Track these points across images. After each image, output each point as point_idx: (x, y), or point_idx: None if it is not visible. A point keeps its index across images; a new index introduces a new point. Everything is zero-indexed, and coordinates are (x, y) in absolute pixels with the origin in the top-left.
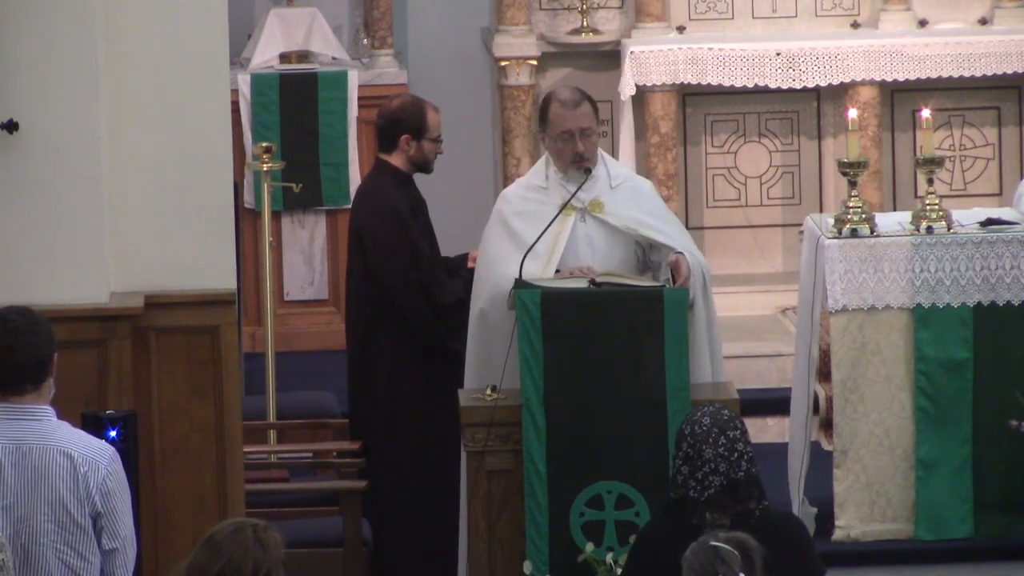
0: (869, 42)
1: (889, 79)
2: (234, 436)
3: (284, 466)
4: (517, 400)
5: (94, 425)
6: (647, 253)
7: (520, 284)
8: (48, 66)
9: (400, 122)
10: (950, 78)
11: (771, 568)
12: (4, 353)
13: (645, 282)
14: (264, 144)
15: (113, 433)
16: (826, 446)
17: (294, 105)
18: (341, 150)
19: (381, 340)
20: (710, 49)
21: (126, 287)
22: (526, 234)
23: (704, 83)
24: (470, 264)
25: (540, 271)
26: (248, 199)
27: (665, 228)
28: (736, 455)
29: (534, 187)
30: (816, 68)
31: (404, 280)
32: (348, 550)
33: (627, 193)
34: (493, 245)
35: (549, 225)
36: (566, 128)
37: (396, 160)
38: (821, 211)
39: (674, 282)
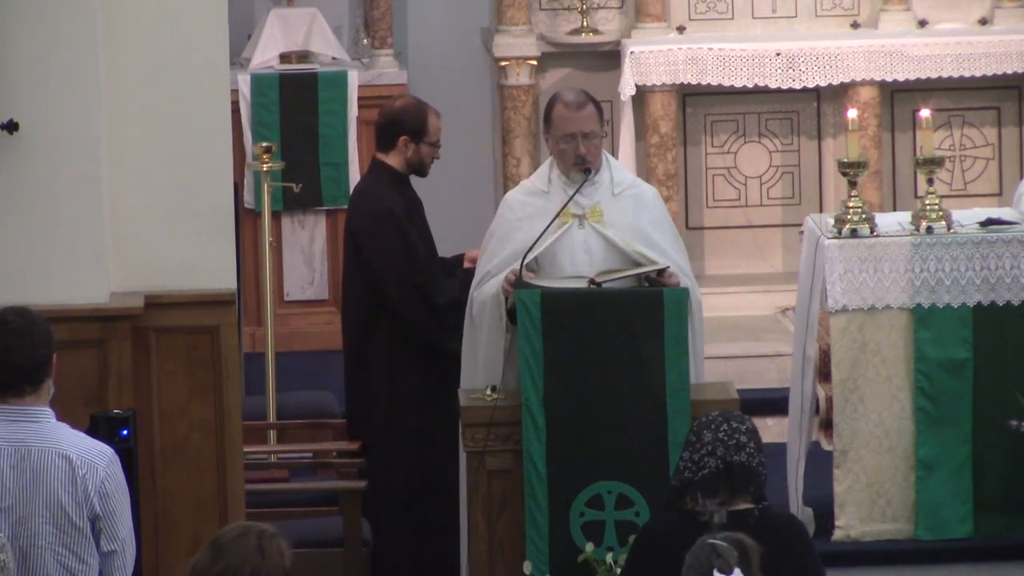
0: (869, 42)
1: (889, 79)
2: (234, 436)
3: (284, 466)
4: (517, 400)
5: (105, 426)
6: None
7: (520, 284)
8: (48, 66)
9: (401, 123)
10: (950, 78)
11: (770, 569)
12: (2, 354)
13: (647, 268)
14: (264, 144)
15: (125, 432)
16: (826, 446)
17: (294, 105)
18: (341, 150)
19: (377, 340)
20: (710, 49)
21: (126, 287)
22: (526, 243)
23: (704, 83)
24: (466, 264)
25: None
26: (248, 199)
27: (663, 245)
28: (735, 442)
29: (536, 191)
30: (816, 68)
31: (399, 280)
32: (348, 550)
33: (629, 201)
34: (492, 251)
35: (543, 233)
36: (569, 131)
37: (393, 160)
38: (821, 211)
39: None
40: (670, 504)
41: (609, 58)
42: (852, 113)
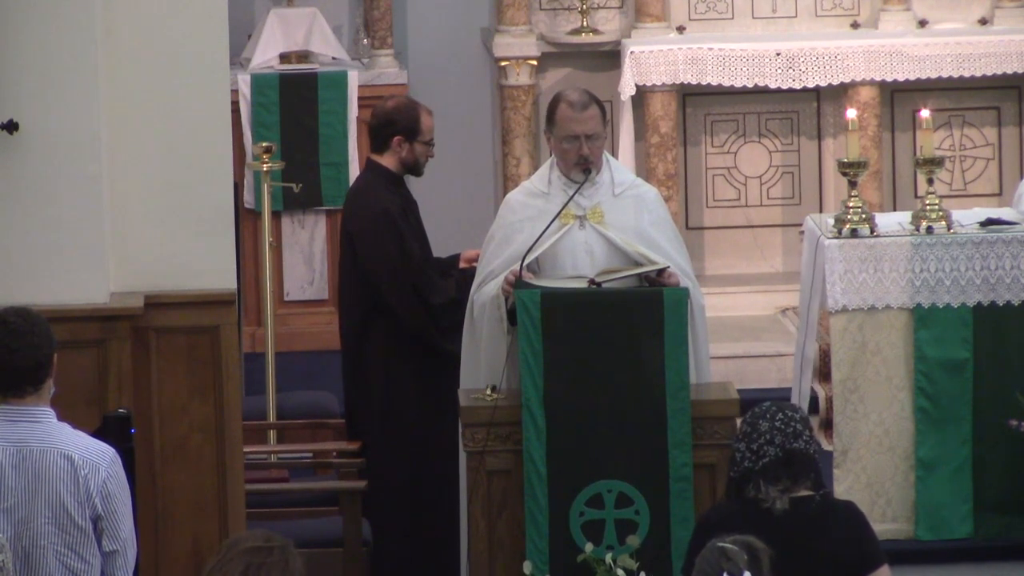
0: (869, 42)
1: (889, 79)
2: (234, 436)
3: (284, 466)
4: (517, 400)
5: (117, 426)
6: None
7: (520, 284)
8: (48, 66)
9: (393, 123)
10: (950, 78)
11: (832, 555)
12: (3, 355)
13: (646, 268)
14: (264, 144)
15: (134, 431)
16: (826, 446)
17: (294, 105)
18: (341, 150)
19: (375, 340)
20: (710, 49)
21: (126, 287)
22: (527, 245)
23: (704, 83)
24: (463, 265)
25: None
26: (248, 199)
27: (664, 246)
28: (792, 430)
29: (537, 193)
30: (816, 68)
31: (395, 280)
32: (348, 550)
33: (630, 202)
34: (493, 253)
35: (541, 235)
36: (573, 132)
37: (387, 161)
38: (821, 211)
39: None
40: (729, 494)
41: (609, 58)
42: (852, 113)
